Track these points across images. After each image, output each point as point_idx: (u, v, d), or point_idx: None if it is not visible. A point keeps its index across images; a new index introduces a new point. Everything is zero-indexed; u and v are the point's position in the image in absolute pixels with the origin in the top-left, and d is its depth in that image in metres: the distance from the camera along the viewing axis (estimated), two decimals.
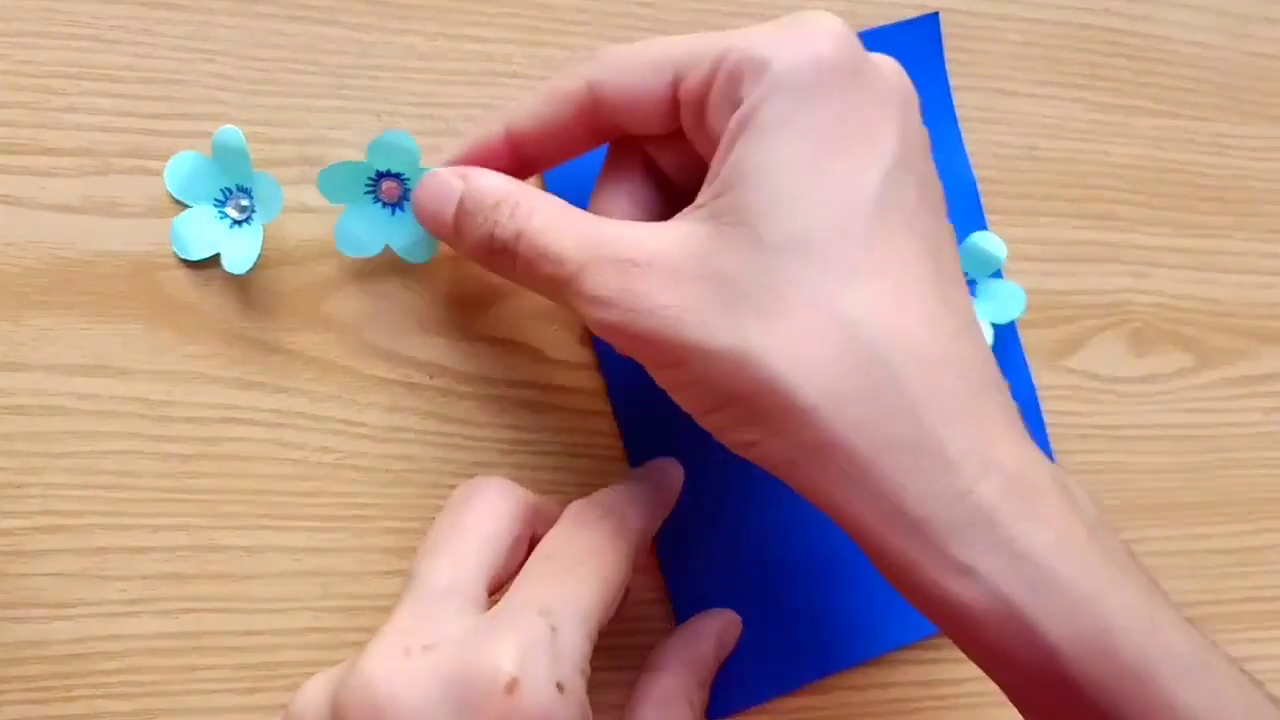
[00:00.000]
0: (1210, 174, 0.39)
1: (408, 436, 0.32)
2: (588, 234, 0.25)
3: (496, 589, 0.26)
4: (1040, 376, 0.36)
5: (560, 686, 0.22)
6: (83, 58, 0.31)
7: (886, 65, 0.25)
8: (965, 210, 0.36)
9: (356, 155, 0.32)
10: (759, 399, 0.23)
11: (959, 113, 0.36)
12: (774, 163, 0.24)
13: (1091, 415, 0.37)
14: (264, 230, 0.30)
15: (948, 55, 0.36)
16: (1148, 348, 0.38)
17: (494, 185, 0.27)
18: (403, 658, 0.22)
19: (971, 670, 0.36)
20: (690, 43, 0.26)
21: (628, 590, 0.27)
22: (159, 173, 0.31)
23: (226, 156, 0.30)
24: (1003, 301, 0.35)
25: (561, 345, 0.33)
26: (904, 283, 0.24)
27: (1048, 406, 0.37)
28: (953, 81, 0.36)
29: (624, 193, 0.28)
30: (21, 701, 0.29)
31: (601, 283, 0.24)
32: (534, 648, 0.22)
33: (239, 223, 0.31)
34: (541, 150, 0.28)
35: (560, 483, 0.33)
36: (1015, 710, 0.36)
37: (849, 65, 0.24)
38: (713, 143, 0.25)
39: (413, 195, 0.29)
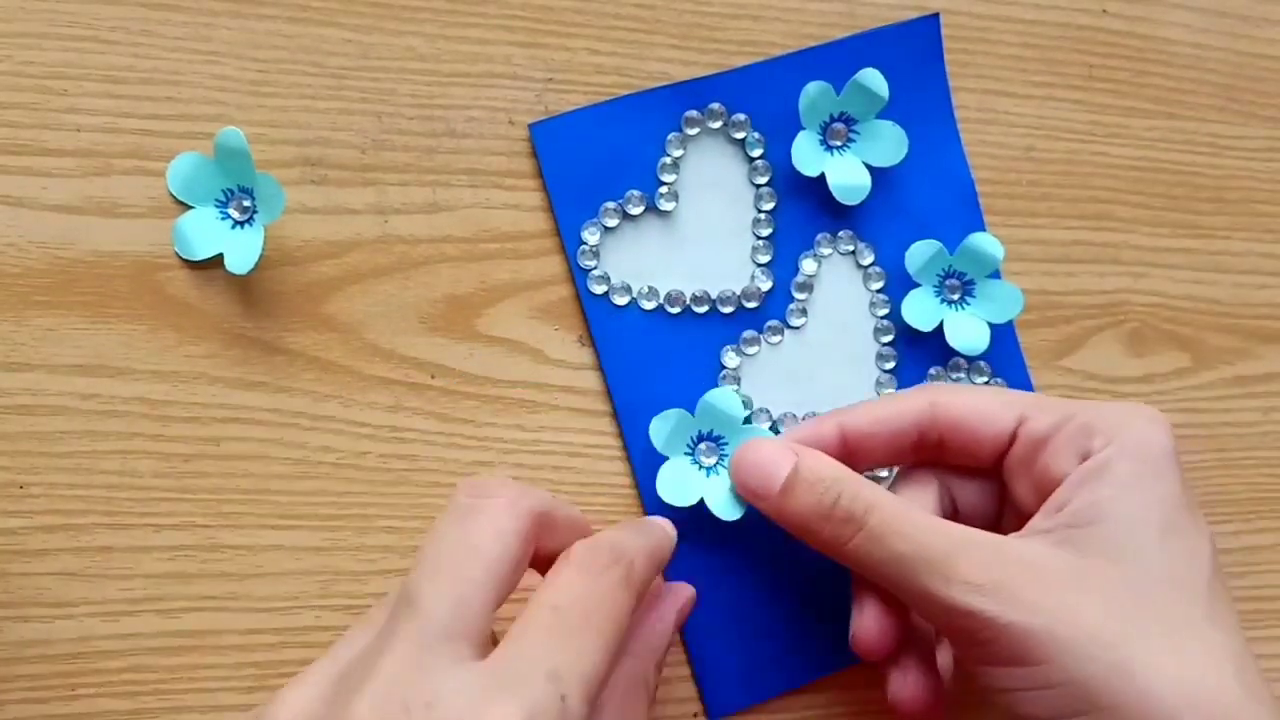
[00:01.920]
0: (1208, 175, 0.39)
1: (408, 436, 0.32)
2: (950, 528, 0.27)
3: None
4: (1039, 377, 0.36)
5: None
6: (84, 59, 0.31)
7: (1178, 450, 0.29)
8: (964, 211, 0.36)
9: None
10: (1124, 711, 0.25)
11: (958, 114, 0.36)
12: (1138, 516, 0.27)
13: None
14: (265, 231, 0.30)
15: (947, 56, 0.36)
16: (1145, 348, 0.38)
17: (829, 462, 0.29)
18: (401, 716, 0.21)
19: None
20: (1034, 396, 0.30)
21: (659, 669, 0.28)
22: (160, 173, 0.31)
23: (228, 157, 0.30)
24: (1000, 302, 0.35)
25: (561, 345, 0.33)
26: (1239, 636, 0.27)
27: None
28: (952, 82, 0.36)
29: (921, 505, 0.30)
30: (24, 700, 0.30)
31: (977, 571, 0.26)
32: (541, 715, 0.22)
33: (241, 223, 0.31)
34: (871, 454, 0.31)
35: (560, 482, 0.33)
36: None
37: (1174, 451, 0.28)
38: (1040, 481, 0.29)
39: (733, 457, 0.31)
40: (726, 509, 0.32)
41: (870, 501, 0.28)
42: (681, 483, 0.32)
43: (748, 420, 0.33)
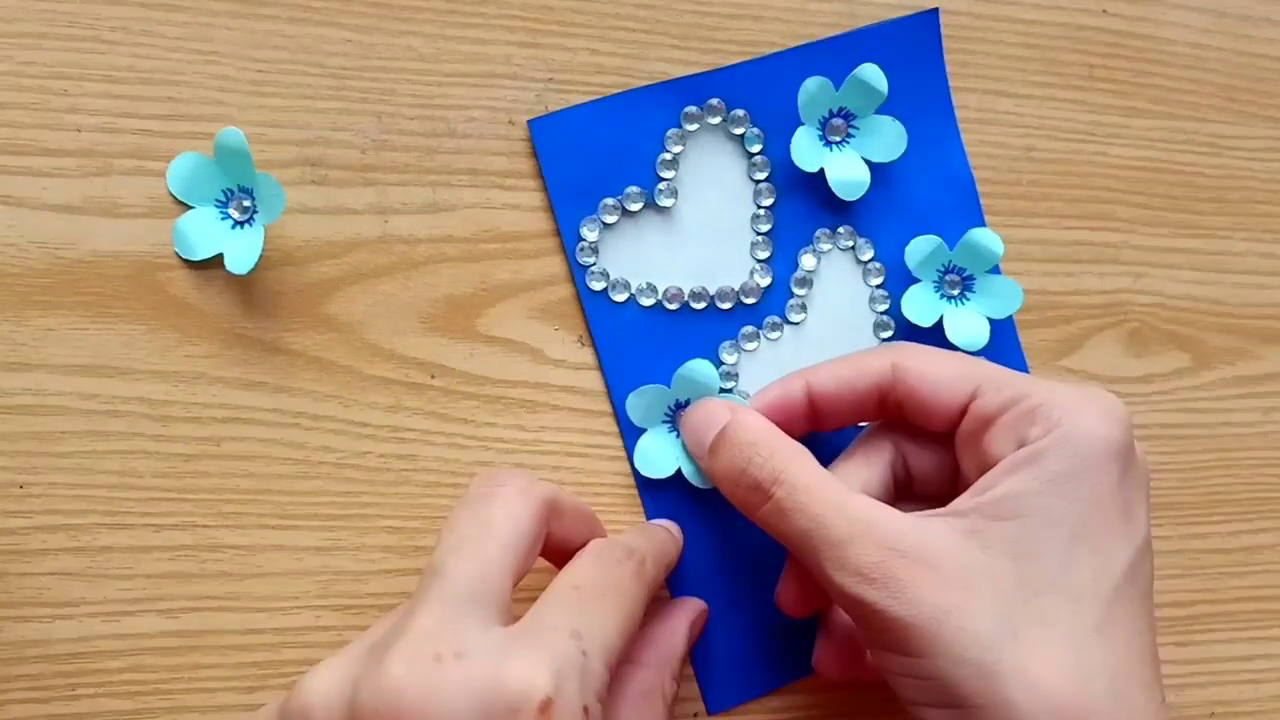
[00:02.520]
0: (1208, 175, 0.39)
1: (409, 436, 0.32)
2: (854, 508, 0.27)
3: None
4: (1039, 376, 0.36)
5: (586, 711, 0.22)
6: (84, 59, 0.31)
7: (1140, 452, 0.29)
8: (964, 206, 0.36)
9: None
10: (988, 712, 0.25)
11: (958, 113, 0.36)
12: (1054, 516, 0.27)
13: None
14: (265, 231, 0.30)
15: (947, 57, 0.36)
16: (1146, 348, 0.38)
17: (756, 425, 0.29)
18: (433, 664, 0.22)
19: None
20: (993, 368, 0.29)
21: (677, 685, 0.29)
22: (160, 173, 0.31)
23: (228, 157, 0.30)
24: (1000, 297, 0.35)
25: (561, 345, 0.33)
26: (1131, 648, 0.26)
27: None
28: (952, 83, 0.36)
29: (867, 471, 0.30)
30: (24, 700, 0.30)
31: (868, 561, 0.26)
32: (567, 669, 0.22)
33: (241, 223, 0.31)
34: (836, 413, 0.31)
35: (560, 483, 0.33)
36: None
37: (1126, 449, 0.27)
38: (981, 459, 0.29)
39: (682, 421, 0.32)
40: (700, 476, 0.32)
41: (778, 472, 0.28)
42: (658, 453, 0.32)
43: (725, 391, 0.33)
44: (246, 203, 0.31)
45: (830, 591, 0.27)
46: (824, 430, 0.32)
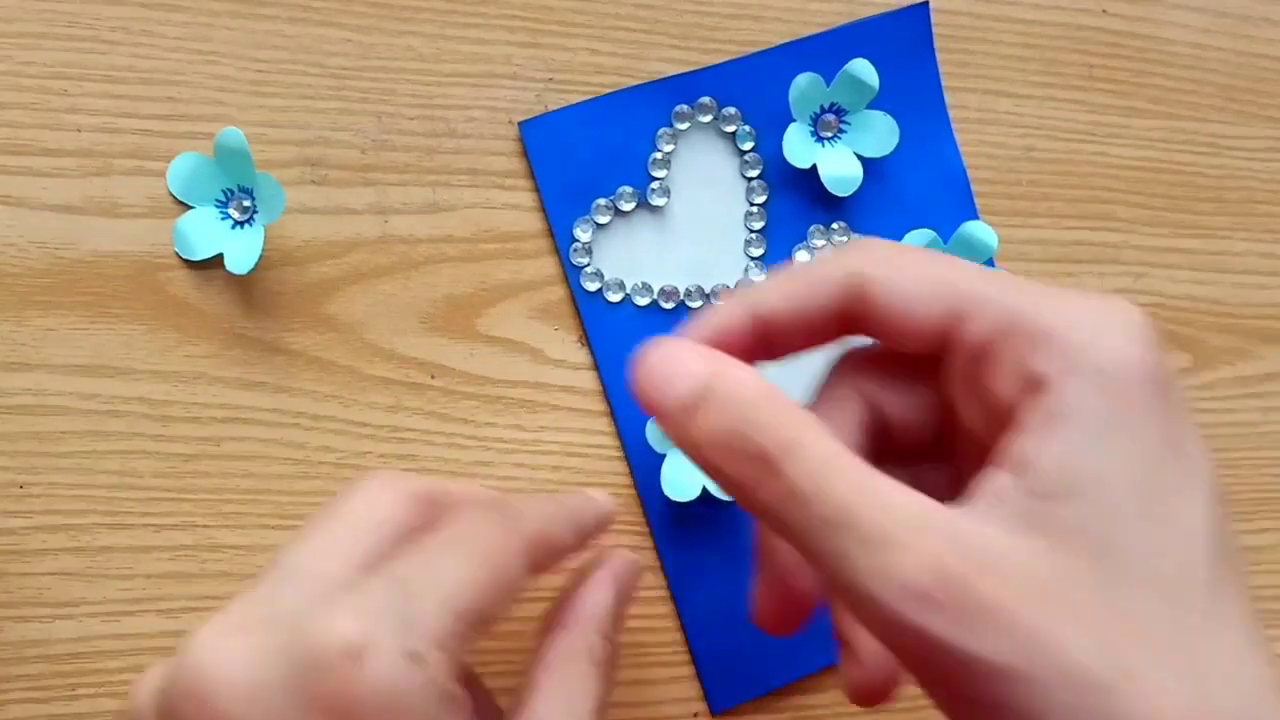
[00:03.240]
0: (1208, 175, 0.39)
1: (408, 436, 0.32)
2: (895, 496, 0.20)
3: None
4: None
5: (415, 658, 0.19)
6: (84, 59, 0.31)
7: (1172, 364, 0.22)
8: (957, 200, 0.36)
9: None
10: None
11: (958, 113, 0.36)
12: (1114, 482, 0.20)
13: None
14: (266, 231, 0.30)
15: (946, 57, 0.36)
16: None
17: (749, 380, 0.22)
18: (237, 635, 0.20)
19: None
20: (978, 278, 0.22)
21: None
22: (160, 173, 0.31)
23: (228, 158, 0.30)
24: None
25: (561, 345, 0.33)
26: (1249, 633, 0.20)
27: None
28: (951, 83, 0.36)
29: (833, 427, 0.24)
30: (24, 700, 0.30)
31: (927, 573, 0.19)
32: (379, 612, 0.20)
33: (241, 223, 0.31)
34: (788, 339, 0.24)
35: (560, 482, 0.33)
36: None
37: (1158, 372, 0.20)
38: (986, 404, 0.22)
39: (634, 368, 0.23)
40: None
41: (788, 442, 0.20)
42: (682, 477, 0.32)
43: None
44: (246, 203, 0.31)
45: (858, 613, 0.20)
46: (772, 360, 0.25)
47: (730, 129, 0.34)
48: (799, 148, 0.34)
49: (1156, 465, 0.20)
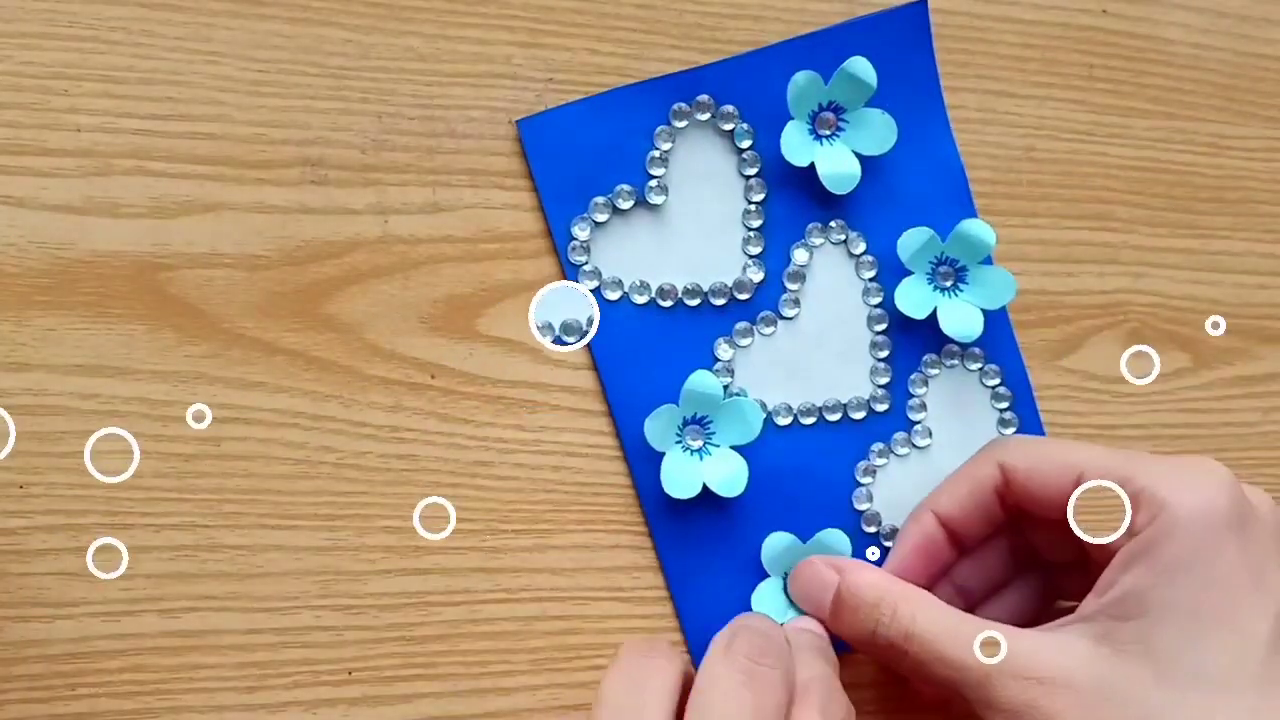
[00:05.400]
0: (1208, 175, 0.39)
1: (408, 436, 0.32)
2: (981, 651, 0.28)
3: None
4: (1039, 377, 0.37)
5: None
6: (84, 59, 0.31)
7: (1262, 504, 0.28)
8: (955, 197, 0.36)
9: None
10: None
11: (958, 113, 0.36)
12: (1181, 606, 0.26)
13: (1089, 415, 0.37)
14: (264, 231, 0.30)
15: (946, 57, 0.36)
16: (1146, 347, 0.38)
17: (871, 582, 0.30)
18: None
19: None
20: (1098, 454, 0.29)
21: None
22: (160, 173, 0.31)
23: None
24: (993, 288, 0.35)
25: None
26: None
27: (1046, 406, 0.37)
28: (951, 83, 0.36)
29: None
30: (24, 700, 0.30)
31: (1009, 696, 0.27)
32: None
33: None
34: (968, 531, 0.32)
35: (560, 482, 0.33)
36: None
37: (1239, 516, 0.27)
38: (1099, 546, 0.29)
39: (790, 580, 0.33)
40: (726, 486, 0.32)
41: (907, 627, 0.29)
42: (682, 474, 0.32)
43: (729, 393, 0.33)
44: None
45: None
46: (970, 550, 0.33)
47: (728, 127, 0.34)
48: (797, 145, 0.34)
49: (1223, 595, 0.26)
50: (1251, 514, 0.27)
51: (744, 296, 0.34)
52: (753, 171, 0.34)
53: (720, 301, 0.34)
